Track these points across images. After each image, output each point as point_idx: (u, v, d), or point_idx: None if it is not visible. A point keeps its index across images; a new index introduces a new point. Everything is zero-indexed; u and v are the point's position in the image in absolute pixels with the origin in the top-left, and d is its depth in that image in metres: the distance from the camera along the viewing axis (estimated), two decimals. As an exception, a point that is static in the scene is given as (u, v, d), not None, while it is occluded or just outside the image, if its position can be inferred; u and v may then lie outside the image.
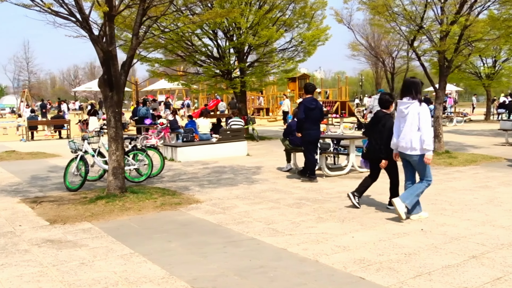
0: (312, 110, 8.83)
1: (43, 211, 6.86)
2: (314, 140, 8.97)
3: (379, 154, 6.52)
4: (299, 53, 16.74)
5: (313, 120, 8.88)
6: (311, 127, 8.90)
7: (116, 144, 7.30)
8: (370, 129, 6.75)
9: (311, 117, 8.82)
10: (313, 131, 8.92)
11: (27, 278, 4.30)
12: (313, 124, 8.90)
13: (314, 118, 8.88)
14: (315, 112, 8.87)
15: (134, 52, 7.15)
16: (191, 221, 6.20)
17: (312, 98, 9.07)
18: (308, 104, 8.86)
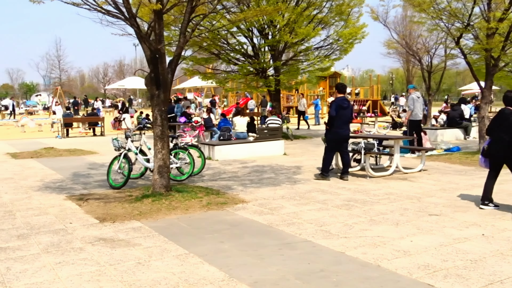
0: (344, 110, 8.89)
1: (91, 209, 6.89)
2: (341, 139, 9.01)
3: (504, 152, 6.29)
4: (335, 51, 16.52)
5: (344, 119, 8.93)
6: (341, 126, 8.96)
7: (162, 142, 7.27)
8: (494, 127, 6.53)
9: (342, 116, 8.89)
10: (342, 130, 8.97)
11: (86, 277, 4.28)
12: (343, 123, 8.95)
13: (345, 118, 8.93)
14: (346, 111, 8.93)
15: (181, 50, 7.11)
16: (240, 221, 6.11)
17: (344, 97, 9.14)
18: (341, 103, 8.92)
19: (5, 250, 5.11)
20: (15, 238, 5.55)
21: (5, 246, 5.25)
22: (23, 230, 5.89)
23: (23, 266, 4.59)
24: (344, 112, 8.90)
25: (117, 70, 77.71)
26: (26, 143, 17.82)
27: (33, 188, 8.66)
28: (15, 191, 8.42)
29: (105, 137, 20.60)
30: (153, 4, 6.19)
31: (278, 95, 17.31)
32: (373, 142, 9.06)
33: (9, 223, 6.26)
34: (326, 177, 8.93)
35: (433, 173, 9.48)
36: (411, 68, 49.69)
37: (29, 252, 5.03)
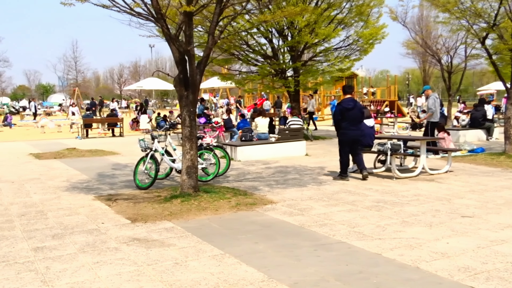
0: (350, 110, 8.91)
1: (121, 209, 6.94)
2: (349, 140, 9.01)
3: None
4: (355, 52, 16.43)
5: (351, 120, 8.94)
6: (349, 127, 8.98)
7: (190, 143, 7.31)
8: None
9: (349, 117, 8.91)
10: (350, 131, 8.99)
11: (126, 276, 4.31)
12: (351, 124, 8.97)
13: (352, 119, 8.94)
14: (353, 112, 8.93)
15: (210, 51, 7.13)
16: (271, 222, 6.11)
17: (351, 98, 9.15)
18: (345, 105, 8.99)
19: (42, 249, 5.18)
20: (50, 238, 5.62)
21: (42, 245, 5.32)
22: (57, 230, 5.96)
23: (62, 266, 4.64)
24: (350, 113, 8.94)
25: (133, 71, 78.24)
26: (47, 144, 18.03)
27: (61, 189, 8.75)
28: (43, 191, 8.52)
29: (124, 138, 20.78)
30: (185, 6, 6.20)
31: (298, 95, 17.28)
32: (399, 143, 8.99)
33: (42, 223, 6.33)
34: (345, 177, 8.98)
35: (460, 174, 9.38)
36: (428, 68, 49.25)
37: (65, 251, 5.09)
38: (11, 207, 7.34)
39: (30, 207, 7.31)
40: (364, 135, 9.21)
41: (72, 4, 6.92)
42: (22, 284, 4.20)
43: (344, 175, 9.02)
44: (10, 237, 5.66)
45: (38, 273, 4.45)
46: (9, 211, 7.07)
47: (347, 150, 9.11)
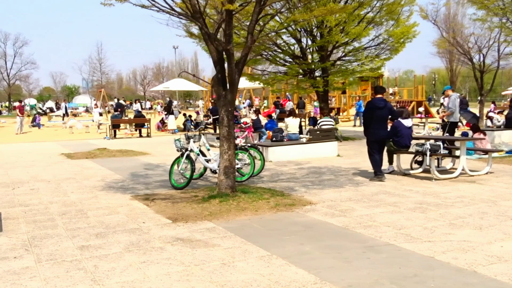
0: (379, 110, 8.92)
1: (160, 209, 6.93)
2: (378, 139, 9.02)
3: None
4: (385, 51, 16.18)
5: (379, 120, 8.96)
6: (377, 126, 8.99)
7: (228, 143, 7.26)
8: None
9: (377, 117, 8.93)
10: (379, 130, 9.01)
11: (175, 277, 4.27)
12: (379, 124, 8.98)
13: (381, 118, 8.96)
14: (382, 112, 8.94)
15: (249, 51, 7.06)
16: (313, 223, 6.00)
17: (380, 98, 9.15)
18: (376, 104, 9.01)
19: (88, 248, 5.18)
20: (94, 236, 5.63)
21: (87, 244, 5.32)
22: (99, 229, 5.97)
23: (110, 265, 4.62)
24: (379, 113, 8.95)
25: (156, 73, 78.95)
26: (76, 144, 18.26)
27: (97, 188, 8.80)
28: (80, 191, 8.58)
29: (152, 139, 20.93)
30: (229, 4, 6.15)
31: (326, 96, 17.11)
32: (439, 143, 8.78)
33: (84, 221, 6.36)
34: (381, 177, 8.88)
35: (501, 175, 9.11)
36: (455, 67, 48.40)
37: (111, 250, 5.08)
38: (51, 206, 7.40)
39: (69, 206, 7.36)
40: (403, 136, 9.06)
41: (112, 4, 6.94)
42: (73, 282, 4.19)
43: (380, 174, 8.93)
44: (55, 236, 5.69)
45: (87, 271, 4.44)
46: (49, 209, 7.13)
47: (376, 149, 9.07)
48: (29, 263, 4.74)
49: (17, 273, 4.45)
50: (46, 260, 4.81)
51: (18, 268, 4.59)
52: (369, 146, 9.14)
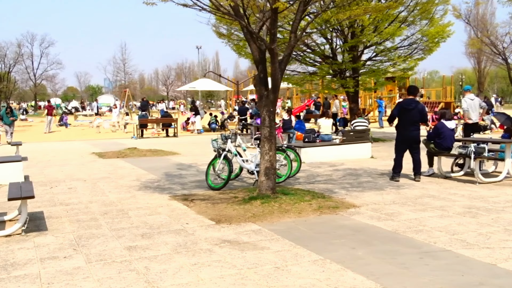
0: (409, 111, 8.89)
1: (201, 210, 6.85)
2: (405, 140, 9.01)
3: None
4: (418, 51, 15.87)
5: (408, 120, 8.91)
6: (406, 127, 8.97)
7: (269, 143, 7.15)
8: None
9: (407, 118, 8.92)
10: (407, 131, 8.99)
11: (229, 280, 4.17)
12: (408, 124, 8.94)
13: (410, 119, 8.92)
14: (412, 113, 8.90)
15: (292, 50, 6.94)
16: (361, 227, 5.85)
17: (411, 99, 9.12)
18: (405, 105, 9.02)
19: (135, 249, 5.13)
20: (140, 237, 5.58)
21: (134, 245, 5.27)
22: (143, 229, 5.92)
23: (161, 266, 4.56)
24: (408, 114, 8.91)
25: (179, 73, 79.40)
26: (105, 144, 18.40)
27: (134, 188, 8.79)
28: (117, 190, 8.58)
29: (179, 138, 20.96)
30: (279, 2, 6.04)
31: (357, 96, 16.88)
32: (484, 146, 8.51)
33: (127, 221, 6.32)
34: (394, 177, 8.99)
35: (547, 179, 8.81)
36: (483, 68, 47.45)
37: (159, 252, 5.01)
38: (91, 205, 7.40)
39: (109, 205, 7.34)
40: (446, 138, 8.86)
41: (155, 4, 6.90)
42: (127, 284, 4.13)
43: (394, 174, 9.04)
44: (100, 236, 5.66)
45: (139, 273, 4.38)
46: (90, 209, 7.13)
47: (401, 150, 9.11)
48: (80, 263, 4.71)
49: (70, 273, 4.42)
50: (96, 260, 4.77)
51: (70, 268, 4.56)
52: (396, 144, 9.22)
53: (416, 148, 9.03)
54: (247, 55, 17.19)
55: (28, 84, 66.68)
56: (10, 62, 61.25)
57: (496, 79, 57.43)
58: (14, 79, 63.11)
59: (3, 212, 7.03)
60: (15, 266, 4.65)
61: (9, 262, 4.78)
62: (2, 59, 59.74)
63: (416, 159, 9.00)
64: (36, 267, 4.63)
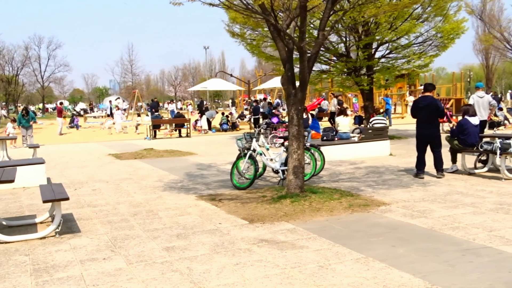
0: (424, 109, 8.88)
1: (230, 209, 6.85)
2: (422, 138, 9.01)
3: None
4: (432, 47, 15.77)
5: (425, 118, 8.92)
6: (423, 125, 8.98)
7: (297, 142, 7.13)
8: None
9: (423, 115, 8.92)
10: (422, 129, 9.01)
11: (276, 279, 4.16)
12: (425, 122, 8.94)
13: (427, 117, 8.90)
14: (428, 110, 8.85)
15: (320, 47, 6.92)
16: (396, 224, 5.82)
17: (427, 96, 9.07)
18: (421, 103, 9.02)
19: (173, 249, 5.12)
20: (175, 237, 5.57)
21: (171, 245, 5.27)
22: (176, 229, 5.92)
23: (203, 267, 4.55)
24: (425, 111, 8.89)
25: (186, 73, 79.46)
26: (120, 145, 18.44)
27: (158, 188, 8.80)
28: (142, 191, 8.59)
29: (192, 139, 20.97)
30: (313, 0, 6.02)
31: (371, 94, 16.81)
32: (509, 141, 8.45)
33: (159, 222, 6.32)
34: (418, 174, 8.96)
35: None
36: (491, 64, 47.20)
37: (198, 252, 5.01)
38: (119, 206, 7.41)
39: (137, 206, 7.35)
40: (470, 134, 8.81)
41: (181, 4, 6.88)
42: (172, 285, 4.12)
43: (417, 172, 9.03)
44: (135, 237, 5.66)
45: (182, 274, 4.38)
46: (119, 210, 7.14)
47: (421, 147, 9.10)
48: (120, 264, 4.71)
49: (112, 275, 4.42)
50: (136, 261, 4.77)
51: (112, 270, 4.56)
52: (416, 142, 9.23)
53: (436, 145, 8.98)
54: (260, 54, 17.18)
55: (35, 86, 67.00)
56: (18, 65, 61.58)
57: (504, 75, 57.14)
58: (22, 82, 63.39)
59: (32, 215, 7.06)
60: (56, 268, 4.66)
61: (49, 264, 4.79)
62: (10, 62, 60.05)
63: (437, 156, 8.95)
64: (78, 269, 4.63)
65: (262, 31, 15.08)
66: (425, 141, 8.98)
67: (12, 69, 61.13)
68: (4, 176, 5.55)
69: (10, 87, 57.87)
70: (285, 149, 8.70)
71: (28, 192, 8.87)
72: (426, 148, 8.99)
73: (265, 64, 76.11)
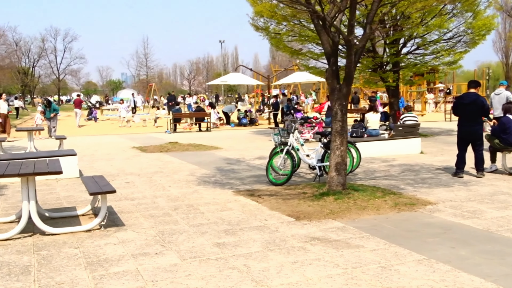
0: (466, 106, 8.67)
1: (272, 205, 6.72)
2: (466, 136, 8.76)
3: None
4: (461, 44, 15.46)
5: (467, 116, 8.70)
6: (465, 123, 8.76)
7: (341, 138, 6.98)
8: None
9: (465, 112, 8.70)
10: (463, 127, 8.78)
11: (340, 280, 4.03)
12: (468, 120, 8.72)
13: (469, 114, 8.68)
14: (471, 108, 8.63)
15: (367, 41, 6.75)
16: (448, 225, 5.65)
17: (471, 93, 8.85)
18: (464, 100, 8.83)
19: (225, 246, 5.01)
20: (223, 233, 5.47)
21: (221, 241, 5.16)
22: (222, 225, 5.81)
23: (260, 265, 4.43)
24: (467, 108, 8.68)
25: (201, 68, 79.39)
26: (141, 138, 18.40)
27: (192, 183, 8.70)
28: (176, 185, 8.50)
29: (212, 133, 20.87)
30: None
31: (397, 90, 16.57)
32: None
33: (202, 217, 6.22)
34: (457, 173, 8.79)
35: None
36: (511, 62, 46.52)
37: (251, 249, 4.89)
38: (157, 200, 7.33)
39: (175, 200, 7.26)
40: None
41: None
42: (234, 283, 4.01)
43: (458, 171, 8.83)
44: (182, 232, 5.56)
45: (241, 271, 4.27)
46: (158, 204, 7.05)
47: (462, 146, 8.88)
48: (174, 260, 4.61)
49: (169, 271, 4.32)
50: (190, 257, 4.67)
51: (167, 265, 4.46)
52: (457, 140, 9.01)
53: (478, 144, 8.77)
54: (285, 48, 16.98)
55: (51, 78, 67.33)
56: (35, 57, 61.88)
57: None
58: (38, 74, 63.78)
59: (71, 207, 7.00)
60: (109, 262, 4.58)
61: (101, 258, 4.71)
62: (26, 53, 60.37)
63: (479, 155, 8.74)
64: (132, 263, 4.54)
65: (288, 25, 14.88)
66: (467, 140, 8.75)
67: (28, 60, 61.49)
68: (51, 168, 5.47)
69: (27, 79, 58.20)
70: (322, 145, 8.56)
71: (61, 184, 8.83)
72: (467, 146, 8.78)
73: (280, 59, 75.86)
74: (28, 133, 13.46)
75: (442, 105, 32.02)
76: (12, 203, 7.30)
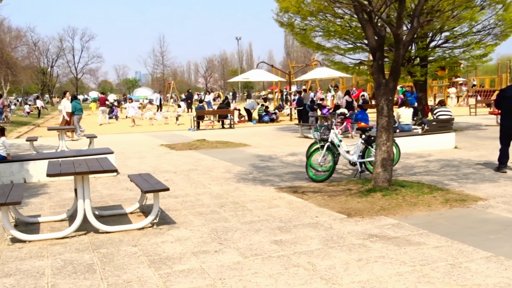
0: (509, 99, 8.47)
1: (319, 202, 6.67)
2: (507, 130, 8.65)
3: None
4: (490, 37, 15.18)
5: (510, 109, 8.52)
6: (507, 116, 8.61)
7: (387, 134, 6.89)
8: None
9: (506, 106, 8.55)
10: (507, 121, 8.62)
11: (411, 278, 3.96)
12: (506, 113, 8.59)
13: (508, 108, 8.51)
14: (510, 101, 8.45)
15: (414, 35, 6.64)
16: (507, 221, 5.54)
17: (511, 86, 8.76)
18: (504, 93, 8.67)
19: (283, 243, 4.98)
20: (278, 231, 5.43)
21: (278, 239, 5.13)
22: (274, 222, 5.78)
23: (325, 262, 4.39)
24: (507, 102, 8.52)
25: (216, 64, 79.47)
26: (166, 135, 18.46)
27: (231, 180, 8.68)
28: (216, 182, 8.48)
29: (235, 130, 20.85)
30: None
31: (425, 85, 16.36)
32: None
33: (251, 214, 6.19)
34: (501, 168, 8.62)
35: None
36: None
37: (310, 247, 4.85)
38: (201, 197, 7.32)
39: (219, 198, 7.24)
40: None
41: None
42: (303, 280, 3.97)
43: (500, 166, 8.67)
44: (236, 229, 5.54)
45: (307, 269, 4.22)
46: (203, 201, 7.04)
47: (504, 140, 8.74)
48: (236, 257, 4.59)
49: (234, 269, 4.30)
50: (251, 255, 4.65)
51: (231, 263, 4.44)
52: (500, 135, 8.86)
53: (508, 140, 8.65)
54: (310, 44, 16.86)
55: (69, 77, 68.01)
56: (53, 57, 62.56)
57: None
58: (57, 73, 64.45)
59: (118, 205, 7.02)
60: (172, 260, 4.57)
61: (163, 256, 4.70)
62: (45, 53, 61.04)
63: (501, 150, 8.62)
64: (194, 261, 4.53)
65: (315, 19, 14.79)
66: (510, 134, 8.60)
67: (47, 60, 62.17)
68: (106, 166, 5.49)
69: (46, 78, 58.86)
70: (362, 141, 8.48)
71: (101, 182, 8.87)
72: (511, 141, 8.63)
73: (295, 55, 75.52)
74: (60, 132, 13.58)
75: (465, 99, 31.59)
76: (58, 202, 7.36)
